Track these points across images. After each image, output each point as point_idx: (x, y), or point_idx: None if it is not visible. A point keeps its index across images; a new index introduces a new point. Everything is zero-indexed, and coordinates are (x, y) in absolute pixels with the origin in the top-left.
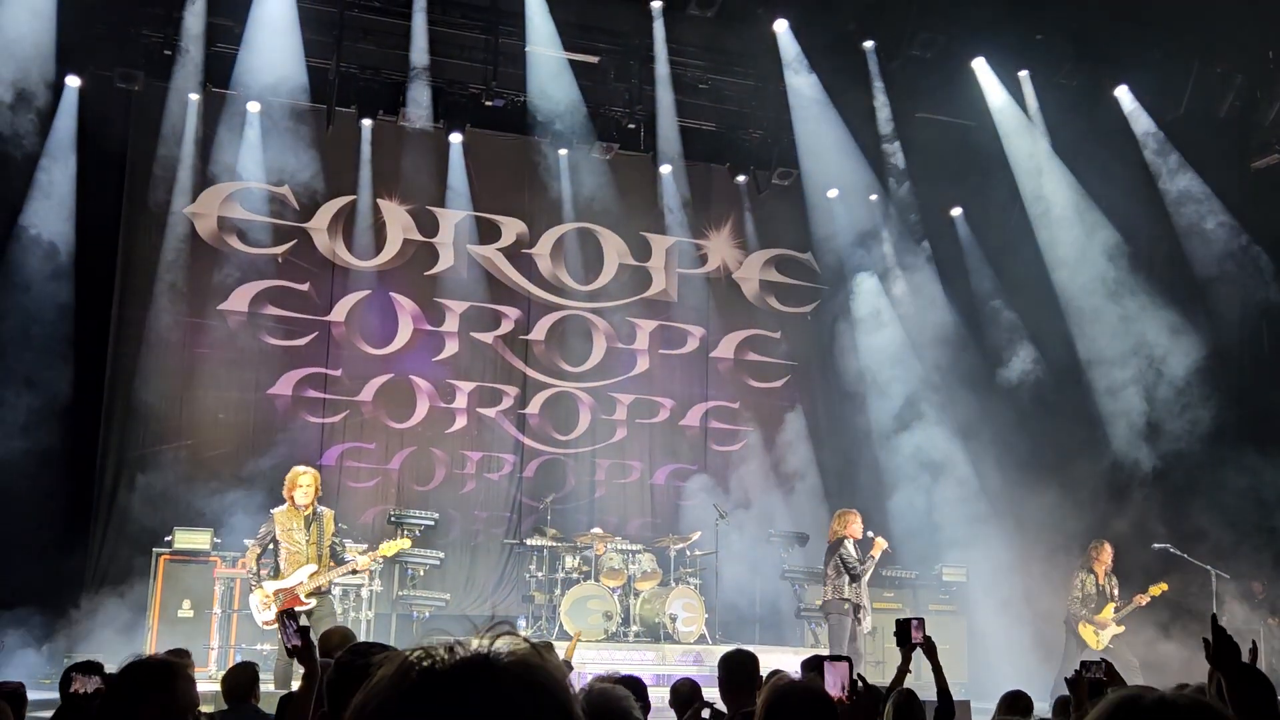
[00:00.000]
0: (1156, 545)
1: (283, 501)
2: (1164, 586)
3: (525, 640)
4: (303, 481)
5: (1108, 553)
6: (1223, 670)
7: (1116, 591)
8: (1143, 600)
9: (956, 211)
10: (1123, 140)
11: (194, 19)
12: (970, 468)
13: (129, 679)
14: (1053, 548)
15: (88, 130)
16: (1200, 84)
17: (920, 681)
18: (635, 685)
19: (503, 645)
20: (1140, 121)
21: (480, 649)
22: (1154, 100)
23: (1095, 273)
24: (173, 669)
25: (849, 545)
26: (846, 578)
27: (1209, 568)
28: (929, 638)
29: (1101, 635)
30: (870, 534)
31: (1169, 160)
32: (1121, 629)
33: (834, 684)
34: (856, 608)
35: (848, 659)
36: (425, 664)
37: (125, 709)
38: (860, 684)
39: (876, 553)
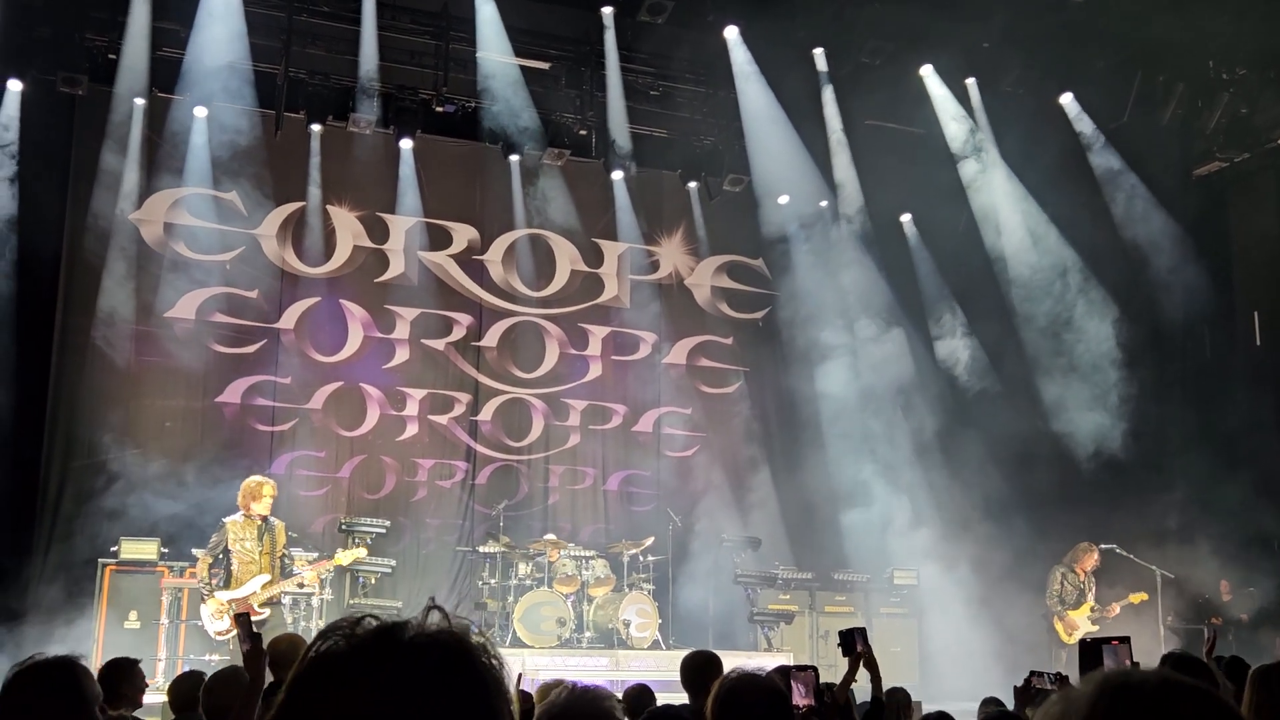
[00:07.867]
0: (1104, 546)
1: (233, 510)
2: (1144, 596)
3: (463, 620)
4: (265, 492)
5: (1093, 555)
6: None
7: (1093, 593)
8: (1114, 610)
9: (906, 217)
10: (1068, 147)
11: (139, 23)
12: (921, 472)
13: (24, 680)
14: (1002, 550)
15: (30, 135)
16: (1143, 93)
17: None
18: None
19: (429, 621)
20: (1085, 129)
21: (388, 623)
22: (1098, 108)
23: (1042, 277)
24: (69, 666)
25: None
26: None
27: (1154, 567)
28: (869, 649)
29: (1074, 633)
30: None
31: (1113, 167)
32: (1096, 627)
33: (802, 693)
34: None
35: (814, 668)
36: (325, 644)
37: (22, 710)
38: (827, 695)
39: None
